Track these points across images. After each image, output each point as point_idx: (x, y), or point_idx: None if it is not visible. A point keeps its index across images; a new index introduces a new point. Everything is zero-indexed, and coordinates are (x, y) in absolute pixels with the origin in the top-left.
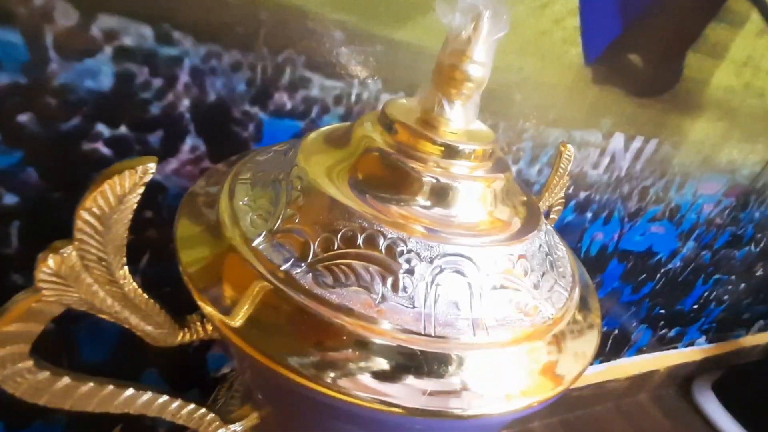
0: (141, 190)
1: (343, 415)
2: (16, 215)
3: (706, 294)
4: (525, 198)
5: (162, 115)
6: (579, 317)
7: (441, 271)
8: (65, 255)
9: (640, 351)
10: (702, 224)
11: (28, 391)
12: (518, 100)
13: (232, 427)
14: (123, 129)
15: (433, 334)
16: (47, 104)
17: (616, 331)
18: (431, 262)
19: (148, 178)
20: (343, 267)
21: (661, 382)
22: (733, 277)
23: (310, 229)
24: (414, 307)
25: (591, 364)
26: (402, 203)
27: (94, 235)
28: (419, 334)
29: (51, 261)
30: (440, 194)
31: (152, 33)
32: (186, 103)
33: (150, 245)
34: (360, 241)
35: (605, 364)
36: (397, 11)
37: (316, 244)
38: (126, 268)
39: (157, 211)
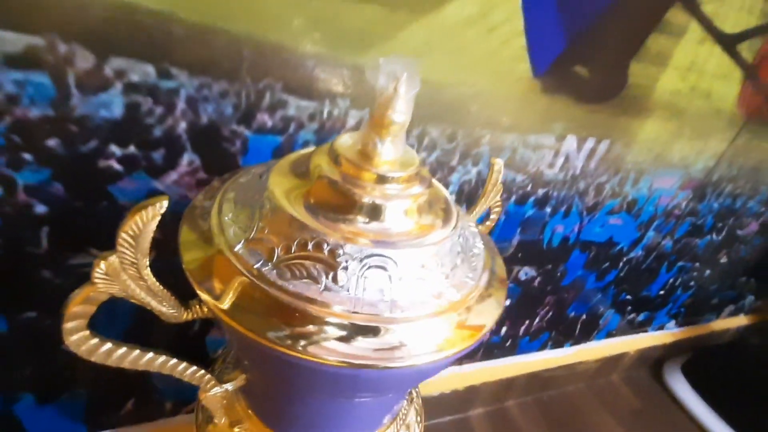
0: (158, 218)
1: (308, 373)
2: (46, 222)
3: (671, 281)
4: (445, 206)
5: (163, 136)
6: (483, 299)
7: (368, 267)
8: (110, 261)
9: (609, 334)
10: (660, 216)
11: (85, 352)
12: (474, 111)
13: (225, 385)
14: (132, 148)
15: (360, 312)
16: (70, 131)
17: (584, 316)
18: (361, 261)
19: (163, 210)
20: (298, 266)
21: (632, 364)
22: (698, 264)
23: (275, 238)
24: (348, 293)
25: (487, 336)
26: (347, 221)
27: (128, 248)
28: (352, 312)
29: (102, 265)
30: (375, 212)
31: (154, 70)
32: (183, 125)
33: (156, 244)
34: (310, 247)
35: (575, 347)
36: (361, 40)
37: (279, 249)
38: (149, 269)
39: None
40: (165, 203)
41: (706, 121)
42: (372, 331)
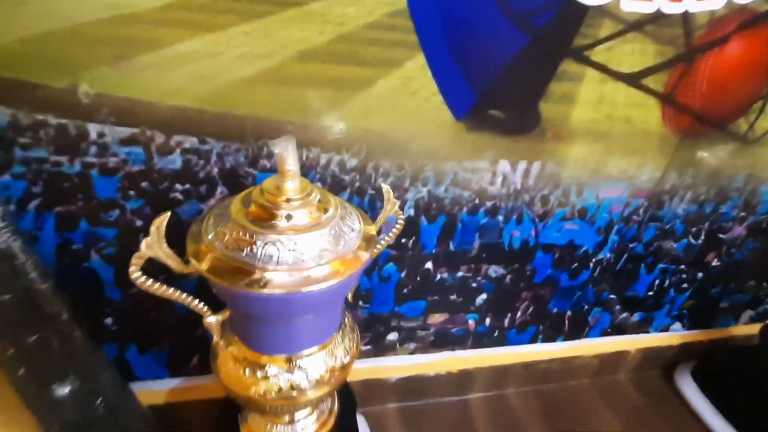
0: (165, 221)
1: (252, 301)
2: (142, 230)
3: (657, 282)
4: (333, 205)
5: (204, 178)
6: (353, 253)
7: (274, 243)
8: (147, 240)
9: (605, 333)
10: (618, 221)
11: (138, 283)
12: (414, 148)
13: (216, 315)
14: (187, 186)
15: (270, 269)
16: (153, 177)
17: (569, 313)
18: (274, 243)
19: (166, 219)
20: (237, 245)
21: (639, 364)
22: (683, 266)
23: (228, 233)
24: (261, 259)
25: (357, 275)
26: (270, 225)
27: (154, 237)
28: (270, 270)
29: (144, 242)
30: (287, 217)
31: (197, 140)
32: (216, 170)
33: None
34: (247, 236)
35: (569, 342)
36: (321, 111)
37: (231, 238)
38: (165, 245)
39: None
40: (168, 214)
41: (636, 140)
42: (287, 274)
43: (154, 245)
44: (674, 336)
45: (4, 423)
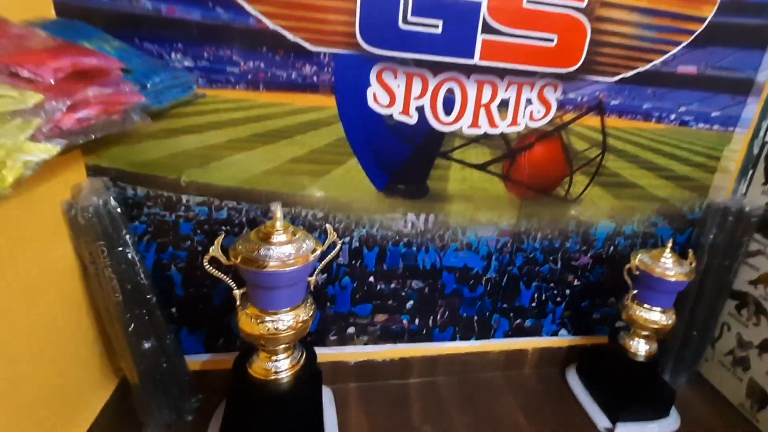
0: (221, 240)
1: (260, 276)
2: (201, 254)
3: (536, 296)
4: (299, 234)
5: (238, 223)
6: (312, 256)
7: (268, 249)
8: (212, 249)
9: (506, 335)
10: (495, 252)
11: (209, 270)
12: (356, 206)
13: (240, 289)
14: (228, 227)
15: (266, 261)
16: (211, 223)
17: (476, 317)
18: (268, 249)
19: (222, 237)
20: (253, 250)
21: (539, 361)
22: (552, 284)
23: (249, 245)
24: (262, 256)
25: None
26: (268, 242)
27: (216, 246)
28: (266, 261)
29: (212, 248)
30: (279, 241)
31: (235, 203)
32: (244, 219)
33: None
34: (256, 246)
35: (480, 341)
36: (296, 190)
37: (249, 247)
38: (219, 250)
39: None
40: (223, 235)
41: (492, 201)
42: (275, 263)
43: (215, 250)
44: (564, 340)
45: (122, 358)
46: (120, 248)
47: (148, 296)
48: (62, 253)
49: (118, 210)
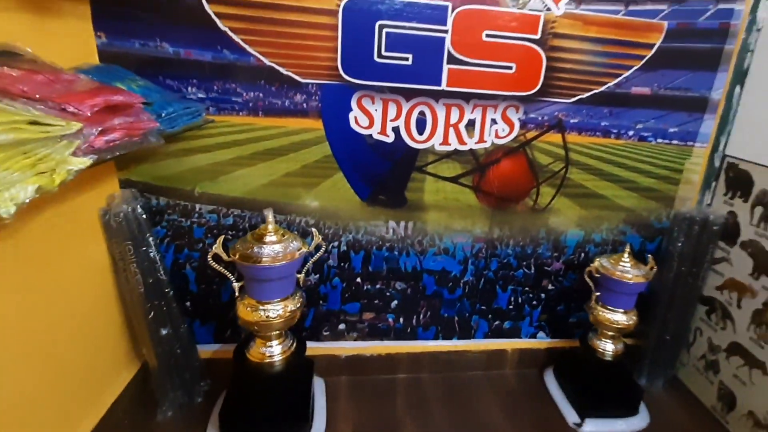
0: (222, 239)
1: (255, 270)
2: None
3: (512, 299)
4: (288, 236)
5: (241, 228)
6: (299, 254)
7: (261, 248)
8: (214, 248)
9: (486, 335)
10: (471, 257)
11: (212, 264)
12: (342, 214)
13: (239, 282)
14: (234, 232)
15: (260, 257)
16: (219, 227)
17: (456, 318)
18: (261, 248)
19: (222, 238)
20: (249, 248)
21: (518, 362)
22: (527, 288)
23: (246, 244)
24: (257, 253)
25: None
26: (262, 242)
27: (218, 244)
28: (260, 257)
29: (214, 247)
30: (271, 241)
31: (240, 210)
32: (247, 225)
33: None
34: (252, 245)
35: (462, 341)
36: (291, 201)
37: (246, 246)
38: (221, 248)
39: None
40: (223, 237)
41: (465, 211)
42: (267, 258)
43: (218, 248)
44: (542, 342)
45: (144, 344)
46: (144, 248)
47: (166, 290)
48: (97, 250)
49: (144, 216)
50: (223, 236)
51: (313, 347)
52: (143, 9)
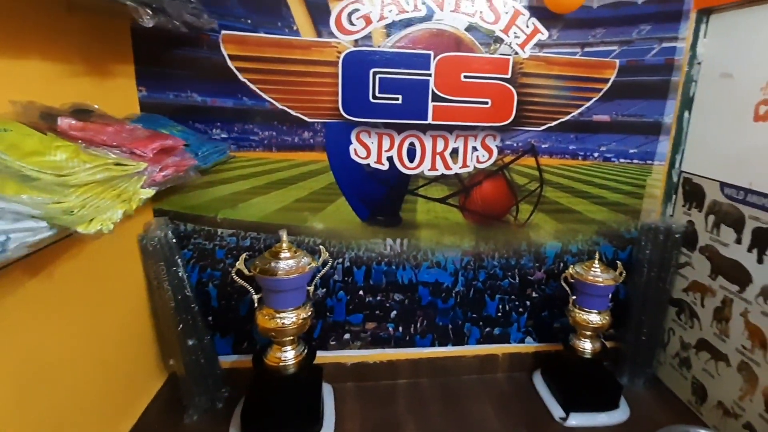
0: (244, 257)
1: (273, 282)
2: (230, 274)
3: (500, 306)
4: (299, 253)
5: (257, 249)
6: (310, 266)
7: (277, 263)
8: (238, 264)
9: (479, 341)
10: (460, 269)
11: (235, 279)
12: (345, 234)
13: (258, 294)
14: (251, 252)
15: (276, 271)
16: (239, 248)
17: (450, 326)
18: (277, 263)
19: (244, 255)
20: (267, 264)
21: (509, 366)
22: (513, 296)
23: (264, 261)
24: (274, 267)
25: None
26: (278, 257)
27: (240, 261)
28: (276, 271)
29: (237, 264)
30: (285, 257)
31: (256, 233)
32: (263, 245)
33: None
34: (269, 260)
35: (455, 347)
36: (299, 223)
37: (264, 262)
38: (243, 264)
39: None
40: (245, 254)
41: (454, 228)
42: (282, 272)
43: (240, 264)
44: (530, 346)
45: (173, 354)
46: (174, 268)
47: (192, 305)
48: (136, 270)
49: (173, 240)
50: (244, 254)
51: (322, 356)
52: (177, 67)
